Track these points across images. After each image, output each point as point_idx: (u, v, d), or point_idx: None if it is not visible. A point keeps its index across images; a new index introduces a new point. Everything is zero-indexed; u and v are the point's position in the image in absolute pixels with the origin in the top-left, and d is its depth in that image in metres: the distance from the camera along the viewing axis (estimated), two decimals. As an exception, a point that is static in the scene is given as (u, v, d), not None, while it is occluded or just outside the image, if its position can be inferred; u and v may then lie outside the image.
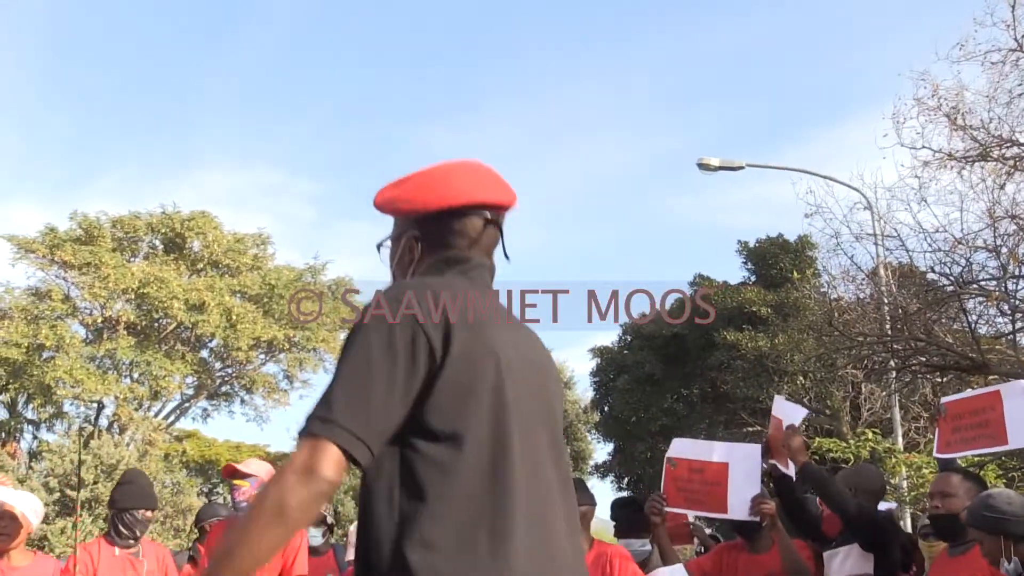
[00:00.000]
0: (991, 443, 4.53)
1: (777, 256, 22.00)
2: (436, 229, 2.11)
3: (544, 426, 2.00)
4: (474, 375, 1.87)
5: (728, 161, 16.59)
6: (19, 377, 25.41)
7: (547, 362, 2.13)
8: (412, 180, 2.15)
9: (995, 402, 4.46)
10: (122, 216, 28.11)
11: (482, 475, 1.83)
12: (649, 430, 22.33)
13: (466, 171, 2.15)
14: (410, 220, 2.14)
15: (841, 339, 12.98)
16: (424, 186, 2.11)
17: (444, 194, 2.09)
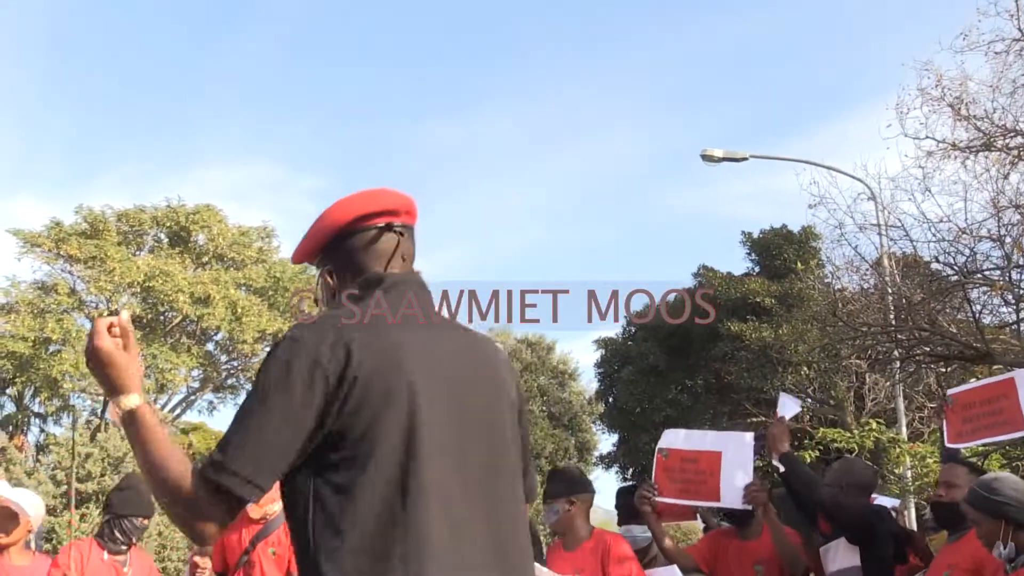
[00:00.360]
0: (1008, 429, 4.61)
1: (781, 247, 22.04)
2: (337, 255, 2.18)
3: (474, 442, 1.99)
4: (378, 399, 1.88)
5: (732, 152, 16.65)
6: (26, 371, 25.51)
7: (485, 371, 2.11)
8: (311, 226, 2.23)
9: (1009, 390, 4.53)
10: (127, 210, 28.19)
11: (390, 500, 1.84)
12: (653, 421, 22.38)
13: (347, 198, 2.21)
14: (320, 259, 2.22)
15: (845, 329, 13.04)
16: (316, 225, 2.20)
17: (330, 222, 2.17)
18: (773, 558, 4.81)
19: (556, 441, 32.38)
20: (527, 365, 34.91)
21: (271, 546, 5.34)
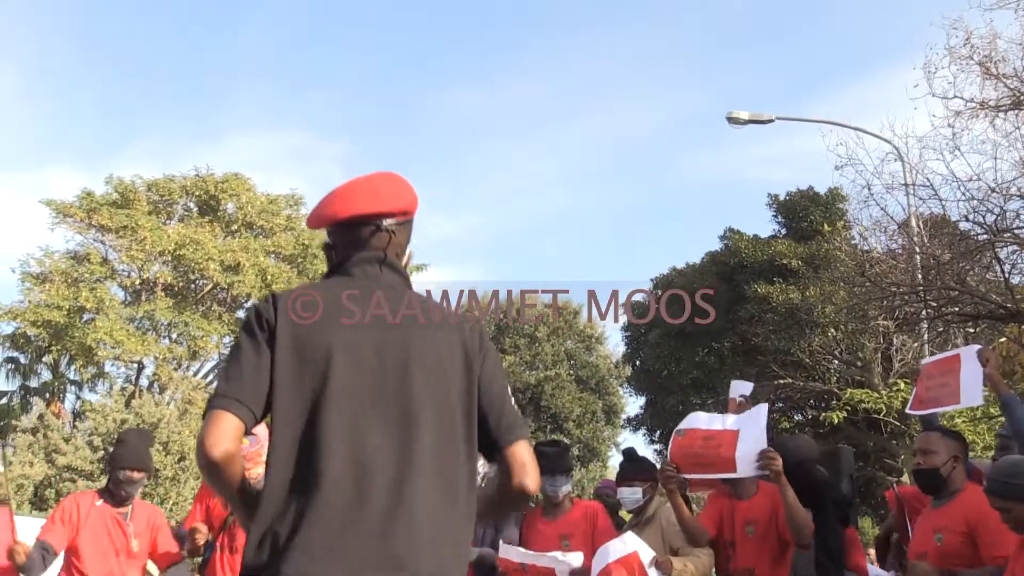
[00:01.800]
0: (949, 401, 4.86)
1: (807, 209, 21.98)
2: (338, 239, 2.52)
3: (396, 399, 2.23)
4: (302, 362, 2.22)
5: (757, 115, 16.61)
6: (61, 339, 25.88)
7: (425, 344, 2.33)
8: (323, 200, 2.53)
9: (955, 364, 4.80)
10: (157, 179, 28.39)
11: (292, 451, 2.15)
12: (680, 383, 22.49)
13: (360, 186, 2.51)
14: (327, 232, 2.55)
15: (873, 290, 13.05)
16: (331, 201, 2.50)
17: (335, 208, 2.49)
18: (763, 519, 4.93)
19: (584, 404, 32.55)
20: (554, 330, 35.03)
21: None
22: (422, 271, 31.18)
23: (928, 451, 4.39)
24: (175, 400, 25.27)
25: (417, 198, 2.59)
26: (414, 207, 2.57)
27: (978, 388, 4.67)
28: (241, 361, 2.22)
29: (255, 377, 2.19)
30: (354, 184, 2.52)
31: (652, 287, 24.68)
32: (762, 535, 4.92)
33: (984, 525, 4.07)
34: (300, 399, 2.19)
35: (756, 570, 4.89)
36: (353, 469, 2.13)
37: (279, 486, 2.14)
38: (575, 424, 31.73)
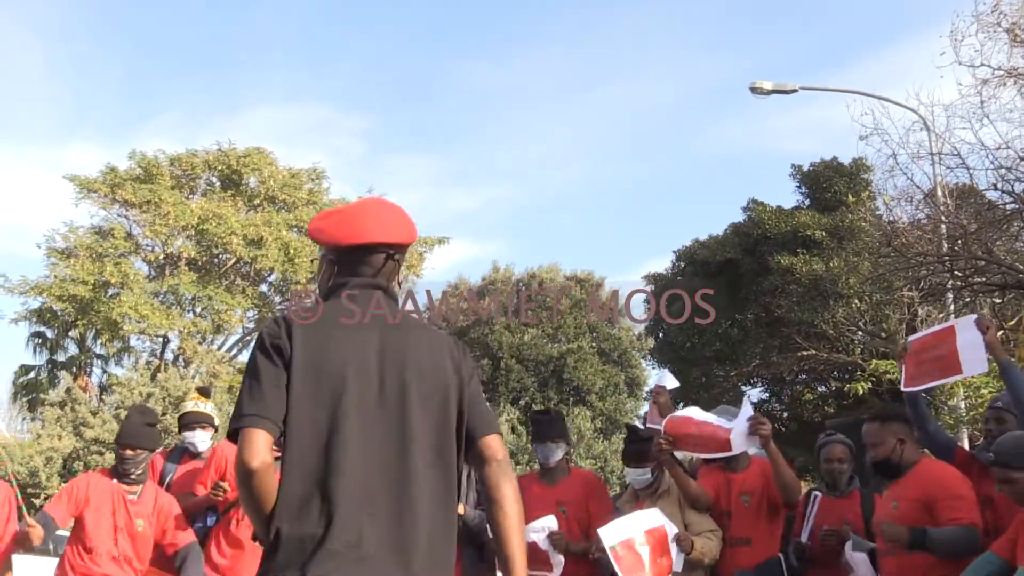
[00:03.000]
0: (946, 374, 4.97)
1: (832, 179, 21.77)
2: (347, 259, 2.68)
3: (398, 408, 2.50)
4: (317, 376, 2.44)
5: (781, 84, 16.48)
6: (87, 313, 26.10)
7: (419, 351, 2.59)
8: (334, 216, 2.73)
9: (949, 336, 4.86)
10: (179, 154, 28.49)
11: (315, 453, 2.40)
12: (703, 355, 22.43)
13: (378, 214, 2.72)
14: (331, 248, 2.71)
15: (899, 260, 12.96)
16: (342, 224, 2.69)
17: (355, 233, 2.66)
18: (757, 488, 5.09)
19: (606, 377, 32.53)
20: (576, 302, 35.00)
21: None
22: (444, 244, 31.23)
23: (874, 443, 4.60)
24: (200, 373, 25.47)
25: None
26: (415, 239, 2.83)
27: (981, 356, 4.72)
28: (262, 380, 2.43)
29: (276, 395, 2.41)
30: (371, 210, 2.75)
31: (674, 259, 24.57)
32: (757, 505, 5.10)
33: (939, 492, 4.30)
34: (316, 417, 2.43)
35: (752, 538, 5.05)
36: (365, 478, 2.40)
37: (299, 495, 2.37)
38: (597, 396, 31.72)
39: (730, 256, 22.18)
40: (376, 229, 2.67)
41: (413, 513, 2.43)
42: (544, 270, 35.92)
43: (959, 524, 4.20)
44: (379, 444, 2.45)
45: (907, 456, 4.52)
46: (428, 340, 2.65)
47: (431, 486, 2.49)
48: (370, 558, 2.34)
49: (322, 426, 2.42)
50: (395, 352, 2.55)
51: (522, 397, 31.24)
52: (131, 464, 5.27)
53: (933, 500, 4.31)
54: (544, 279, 35.56)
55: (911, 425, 4.71)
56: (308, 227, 2.84)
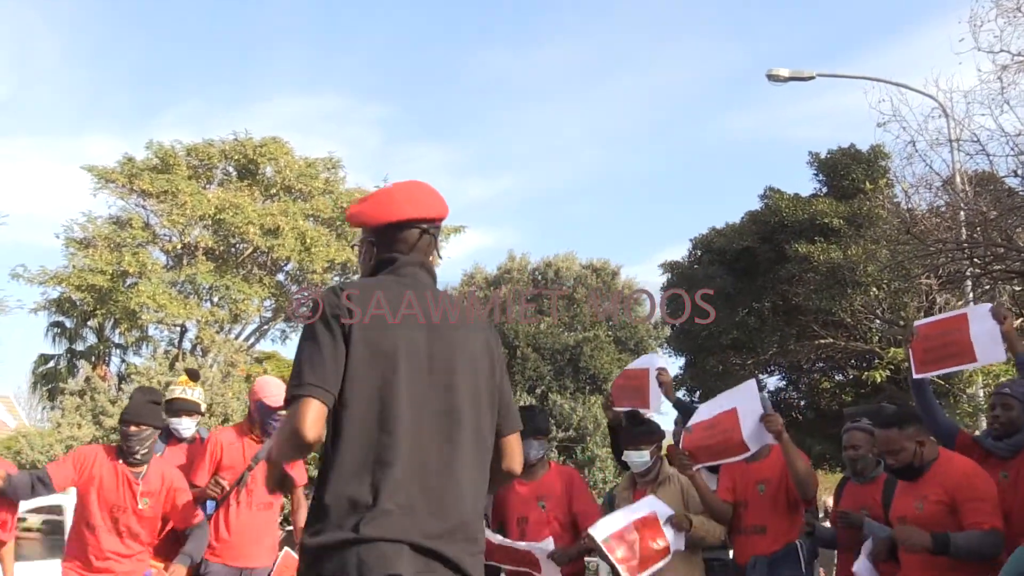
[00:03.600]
0: (960, 361, 5.00)
1: (849, 167, 21.66)
2: (385, 238, 2.82)
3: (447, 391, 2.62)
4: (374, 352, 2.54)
5: (798, 71, 16.39)
6: (105, 303, 26.24)
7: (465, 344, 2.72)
8: (370, 200, 2.87)
9: (962, 324, 4.88)
10: (196, 144, 28.57)
11: (371, 425, 2.50)
12: (720, 343, 22.36)
13: (410, 192, 2.86)
14: (368, 230, 2.85)
15: (918, 247, 12.88)
16: (377, 204, 2.84)
17: (390, 211, 2.81)
18: (774, 477, 5.12)
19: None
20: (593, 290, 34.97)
21: None
22: (459, 233, 31.22)
23: (893, 451, 4.49)
24: (218, 362, 25.57)
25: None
26: (447, 214, 2.95)
27: (998, 345, 4.75)
28: (322, 350, 2.51)
29: (335, 366, 2.50)
30: (403, 190, 2.87)
31: (691, 247, 24.51)
32: (772, 493, 5.12)
33: (963, 493, 4.26)
34: (371, 390, 2.52)
35: (768, 527, 5.08)
36: (417, 454, 2.52)
37: (354, 464, 2.48)
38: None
39: (747, 244, 22.11)
40: (408, 206, 2.80)
41: (457, 493, 2.57)
42: (560, 259, 35.89)
43: (981, 529, 4.18)
44: (429, 423, 2.57)
45: (927, 454, 4.46)
46: (472, 327, 2.78)
47: (472, 471, 2.63)
48: (420, 519, 2.47)
49: (377, 399, 2.52)
50: (443, 335, 2.68)
51: (538, 386, 31.24)
52: (136, 441, 5.23)
53: (957, 502, 4.27)
54: (560, 268, 35.52)
55: (924, 422, 4.68)
56: (347, 214, 2.94)
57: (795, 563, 5.03)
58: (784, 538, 5.06)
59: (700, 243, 24.08)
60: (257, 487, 5.60)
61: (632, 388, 5.95)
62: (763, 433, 4.98)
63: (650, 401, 5.75)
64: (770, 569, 5.01)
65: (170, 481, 5.36)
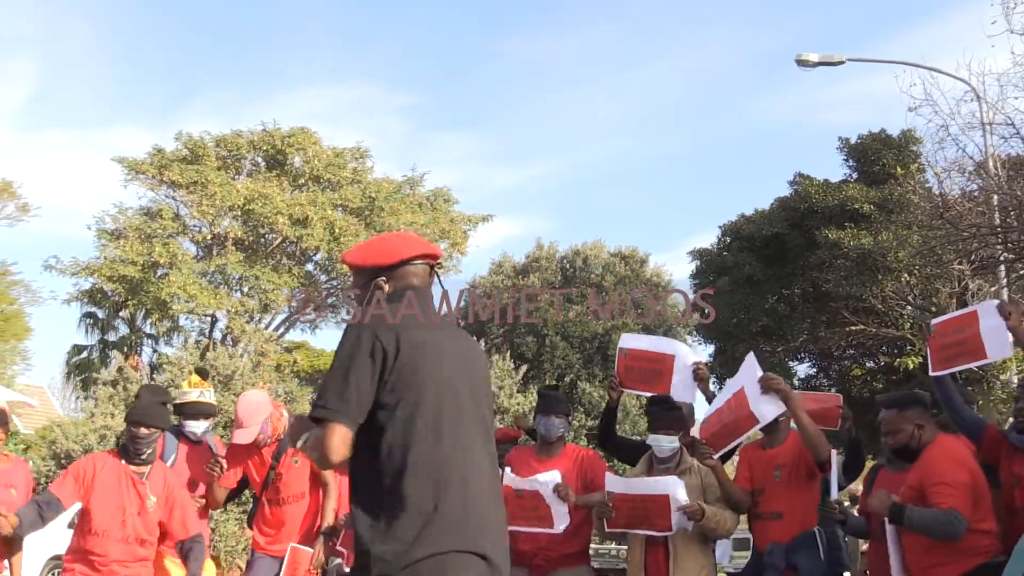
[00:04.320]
0: (971, 359, 5.01)
1: (880, 152, 21.49)
2: (398, 273, 3.06)
3: (470, 394, 2.90)
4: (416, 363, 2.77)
5: (828, 56, 16.26)
6: (137, 293, 26.43)
7: (473, 351, 3.08)
8: (374, 244, 3.17)
9: (972, 321, 4.91)
10: (225, 135, 28.66)
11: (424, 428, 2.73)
12: (750, 331, 22.26)
13: (409, 237, 3.20)
14: (378, 270, 3.07)
15: (951, 232, 12.75)
16: (385, 244, 3.14)
17: (400, 250, 3.09)
18: (789, 463, 5.17)
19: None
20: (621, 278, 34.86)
21: (294, 456, 5.69)
22: (488, 222, 31.23)
23: (891, 431, 4.72)
24: (248, 352, 25.70)
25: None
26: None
27: (1005, 341, 4.78)
28: (359, 379, 2.73)
29: (367, 397, 2.73)
30: (402, 235, 3.28)
31: (720, 234, 24.41)
32: (788, 478, 5.17)
33: (930, 477, 4.40)
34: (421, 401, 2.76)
35: (784, 512, 5.14)
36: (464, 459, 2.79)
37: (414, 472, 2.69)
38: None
39: (777, 231, 22.00)
40: (416, 245, 3.13)
41: (496, 498, 2.89)
42: (588, 247, 35.80)
43: (939, 508, 4.29)
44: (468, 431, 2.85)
45: (924, 439, 4.61)
46: (474, 345, 3.16)
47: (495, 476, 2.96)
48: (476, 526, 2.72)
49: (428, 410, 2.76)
50: (466, 348, 3.03)
51: (567, 374, 31.23)
52: (143, 443, 5.21)
53: (924, 485, 4.41)
54: (588, 256, 35.44)
55: (928, 408, 4.75)
56: (349, 258, 3.19)
57: (813, 550, 5.06)
58: (800, 525, 5.11)
59: (729, 230, 23.98)
60: (283, 483, 5.73)
61: (648, 371, 5.90)
62: (769, 401, 5.06)
63: (671, 388, 5.69)
64: (787, 555, 5.05)
65: (171, 488, 5.32)
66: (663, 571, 5.19)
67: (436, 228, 28.26)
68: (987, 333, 4.81)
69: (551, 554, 5.47)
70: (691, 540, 5.19)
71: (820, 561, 5.04)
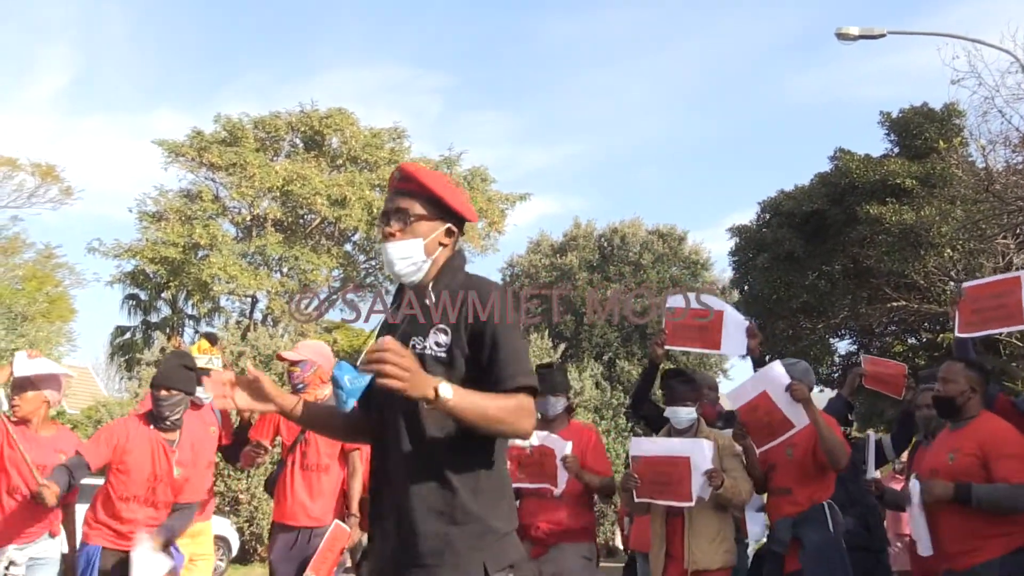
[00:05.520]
0: (1010, 323, 5.08)
1: (922, 126, 21.19)
2: (460, 231, 2.87)
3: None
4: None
5: (868, 30, 16.02)
6: (178, 275, 26.72)
7: None
8: (457, 191, 2.88)
9: (1015, 287, 4.99)
10: (263, 117, 28.84)
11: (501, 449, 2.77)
12: (790, 307, 22.11)
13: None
14: (455, 215, 2.84)
15: (997, 205, 12.58)
16: (466, 201, 2.90)
17: (474, 214, 2.94)
18: (802, 443, 5.19)
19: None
20: (659, 256, 34.73)
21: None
22: (525, 201, 31.21)
23: (948, 380, 4.67)
24: (288, 332, 25.93)
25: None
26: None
27: None
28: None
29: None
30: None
31: (759, 211, 24.21)
32: (799, 458, 5.21)
33: (996, 450, 4.39)
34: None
35: (793, 489, 5.21)
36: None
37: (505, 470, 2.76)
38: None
39: (817, 207, 21.78)
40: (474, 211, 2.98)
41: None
42: (626, 225, 35.67)
43: (1009, 482, 4.30)
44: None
45: (971, 406, 4.61)
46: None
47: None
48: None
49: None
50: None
51: (605, 352, 31.22)
52: (166, 406, 5.22)
53: (989, 457, 4.39)
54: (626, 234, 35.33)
55: (987, 382, 4.76)
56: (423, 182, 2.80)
57: (821, 524, 5.09)
58: (809, 500, 5.16)
59: (768, 206, 23.77)
60: (310, 451, 5.67)
61: (697, 328, 5.91)
62: (798, 408, 5.08)
63: (722, 343, 5.73)
64: (794, 530, 5.12)
65: (197, 456, 5.44)
66: (680, 538, 5.28)
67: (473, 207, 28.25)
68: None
69: (555, 529, 5.53)
70: (706, 507, 5.25)
71: (829, 534, 5.06)
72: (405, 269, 2.77)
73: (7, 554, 5.04)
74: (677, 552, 5.28)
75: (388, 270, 2.82)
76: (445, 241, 2.82)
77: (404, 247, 2.76)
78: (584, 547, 5.62)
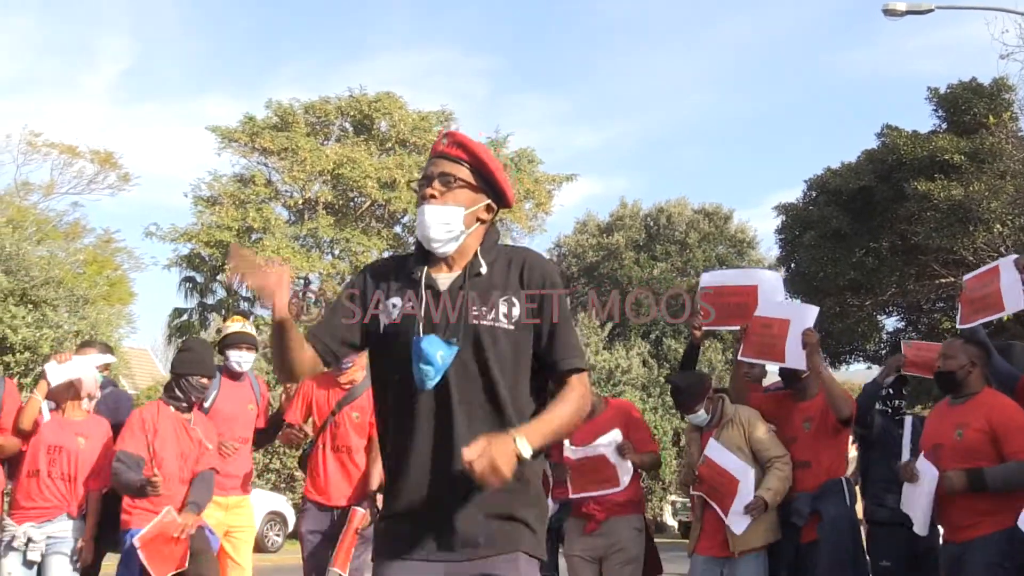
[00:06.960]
0: (993, 312, 5.16)
1: (970, 101, 21.07)
2: (496, 212, 2.74)
3: None
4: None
5: (915, 4, 15.99)
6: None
7: None
8: (505, 174, 2.73)
9: (995, 276, 5.10)
10: (313, 102, 29.22)
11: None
12: (837, 285, 22.13)
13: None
14: (494, 192, 2.71)
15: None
16: (510, 185, 2.75)
17: (512, 195, 2.76)
18: (818, 415, 5.31)
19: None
20: (705, 235, 34.77)
21: (355, 411, 5.74)
22: (571, 181, 31.37)
23: (948, 356, 4.79)
24: (339, 313, 26.30)
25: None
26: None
27: (1020, 295, 4.94)
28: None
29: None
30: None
31: (806, 188, 24.21)
32: (816, 430, 5.31)
33: (1006, 426, 4.45)
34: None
35: (811, 462, 5.28)
36: None
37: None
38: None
39: (864, 184, 21.76)
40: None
41: None
42: (672, 204, 35.75)
43: (1018, 459, 4.40)
44: None
45: (972, 381, 4.71)
46: None
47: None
48: None
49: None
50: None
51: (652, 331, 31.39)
52: (200, 393, 5.52)
53: (998, 433, 4.47)
54: (672, 213, 35.39)
55: (989, 358, 4.87)
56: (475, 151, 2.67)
57: (839, 497, 5.20)
58: (827, 473, 5.25)
59: (815, 184, 23.77)
60: (340, 431, 5.75)
61: (733, 305, 5.81)
62: (801, 353, 5.22)
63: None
64: (812, 503, 5.19)
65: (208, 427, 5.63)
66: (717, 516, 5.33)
67: (521, 189, 28.48)
68: (1006, 287, 4.99)
69: (605, 502, 5.73)
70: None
71: (846, 507, 5.18)
72: (441, 235, 2.60)
73: (25, 531, 5.25)
74: (710, 527, 5.37)
75: (420, 233, 2.63)
76: (484, 216, 2.68)
77: (444, 212, 2.60)
78: (635, 519, 5.81)
